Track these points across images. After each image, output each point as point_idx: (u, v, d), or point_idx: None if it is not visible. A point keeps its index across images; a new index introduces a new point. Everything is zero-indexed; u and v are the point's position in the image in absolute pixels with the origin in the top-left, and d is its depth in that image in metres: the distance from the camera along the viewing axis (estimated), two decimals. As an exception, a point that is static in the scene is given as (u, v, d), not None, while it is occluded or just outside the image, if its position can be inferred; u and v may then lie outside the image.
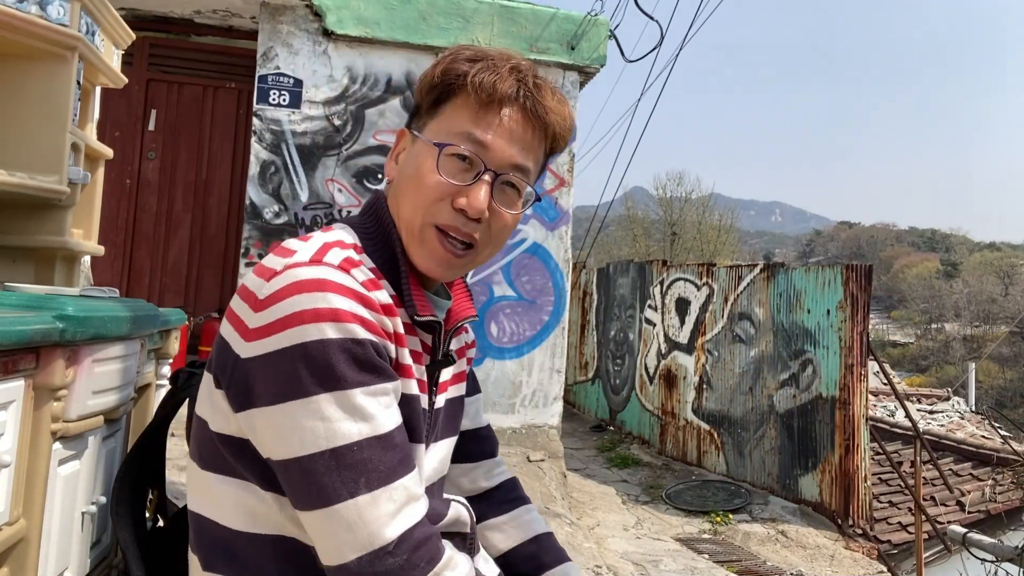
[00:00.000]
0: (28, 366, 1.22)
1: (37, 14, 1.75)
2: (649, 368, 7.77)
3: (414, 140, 0.92)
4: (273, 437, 0.77)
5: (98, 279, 3.86)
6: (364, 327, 0.77)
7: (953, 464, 7.19)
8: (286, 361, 0.75)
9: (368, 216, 0.94)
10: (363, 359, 0.77)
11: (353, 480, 0.75)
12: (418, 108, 0.94)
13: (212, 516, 0.84)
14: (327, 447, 0.75)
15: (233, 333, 0.81)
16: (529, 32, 5.02)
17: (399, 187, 0.92)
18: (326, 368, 0.75)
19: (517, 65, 0.89)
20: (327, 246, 0.84)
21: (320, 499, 0.75)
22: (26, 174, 1.77)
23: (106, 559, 1.64)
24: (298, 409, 0.75)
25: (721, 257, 23.35)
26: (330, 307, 0.76)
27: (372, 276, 0.84)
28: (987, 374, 27.41)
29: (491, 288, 5.01)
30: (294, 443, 0.75)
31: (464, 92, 0.87)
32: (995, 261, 48.38)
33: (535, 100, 0.88)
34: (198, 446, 0.86)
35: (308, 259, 0.80)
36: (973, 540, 3.13)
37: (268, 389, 0.76)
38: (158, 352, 2.03)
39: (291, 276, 0.78)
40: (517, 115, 0.88)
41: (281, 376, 0.76)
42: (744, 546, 4.90)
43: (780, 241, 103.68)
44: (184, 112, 5.10)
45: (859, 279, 5.38)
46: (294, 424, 0.75)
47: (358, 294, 0.79)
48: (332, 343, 0.75)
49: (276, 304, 0.77)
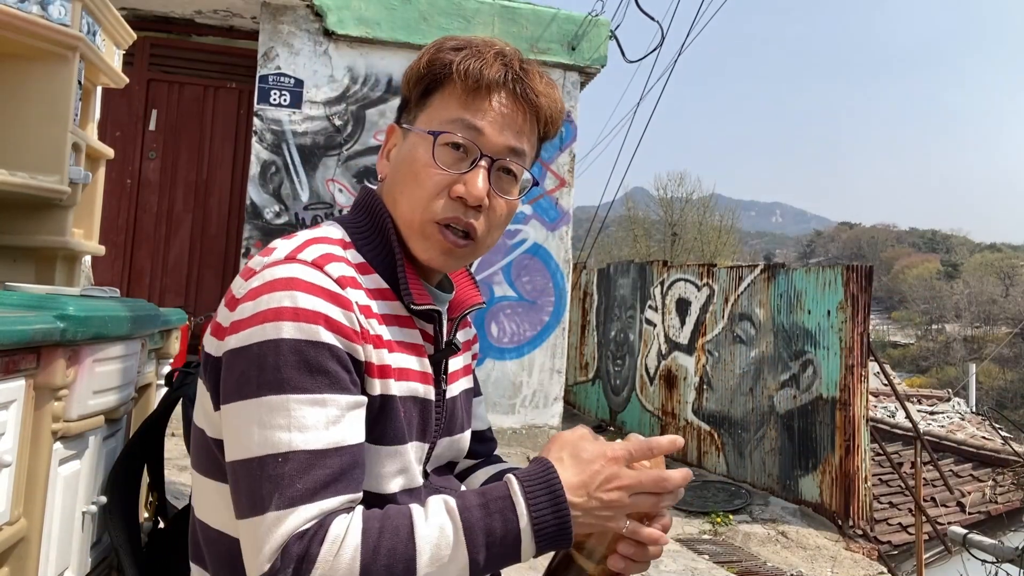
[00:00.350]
0: (29, 366, 1.22)
1: (38, 14, 1.75)
2: (649, 369, 7.77)
3: (405, 134, 0.91)
4: (227, 438, 0.75)
5: (99, 279, 3.86)
6: (329, 327, 0.75)
7: (953, 465, 7.19)
8: (240, 360, 0.74)
9: (360, 211, 0.93)
10: (316, 363, 0.73)
11: (269, 494, 0.69)
12: (406, 102, 0.93)
13: (215, 524, 0.83)
14: (256, 454, 0.71)
15: (211, 337, 0.81)
16: (530, 32, 5.02)
17: (394, 183, 0.90)
18: (273, 370, 0.72)
19: (502, 51, 0.88)
20: (308, 243, 0.82)
21: (245, 509, 0.71)
22: (27, 174, 1.77)
23: (107, 559, 1.64)
24: (242, 410, 0.73)
25: (722, 258, 23.34)
26: (293, 306, 0.74)
27: (355, 272, 0.83)
28: (988, 375, 27.40)
29: (492, 288, 5.01)
30: (234, 446, 0.73)
31: (451, 81, 0.86)
32: (996, 262, 48.39)
33: (524, 84, 0.87)
34: (197, 454, 0.86)
35: (284, 256, 0.79)
36: (973, 541, 3.13)
37: (227, 388, 0.75)
38: (159, 352, 2.03)
39: (266, 275, 0.77)
40: (507, 100, 0.87)
41: (236, 374, 0.74)
42: (744, 547, 4.90)
43: (781, 242, 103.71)
44: (185, 112, 5.10)
45: (860, 280, 5.38)
46: (238, 425, 0.73)
47: (329, 292, 0.77)
48: (285, 344, 0.72)
49: (245, 303, 0.76)
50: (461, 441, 0.99)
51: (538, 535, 0.72)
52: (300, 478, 0.69)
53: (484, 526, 0.71)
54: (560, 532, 0.73)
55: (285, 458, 0.70)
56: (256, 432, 0.71)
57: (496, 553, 0.71)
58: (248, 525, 0.70)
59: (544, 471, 0.75)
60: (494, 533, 0.71)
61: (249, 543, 0.70)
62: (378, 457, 0.82)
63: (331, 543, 0.67)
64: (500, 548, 0.71)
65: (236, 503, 0.73)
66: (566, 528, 0.73)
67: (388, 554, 0.68)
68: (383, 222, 0.89)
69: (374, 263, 0.87)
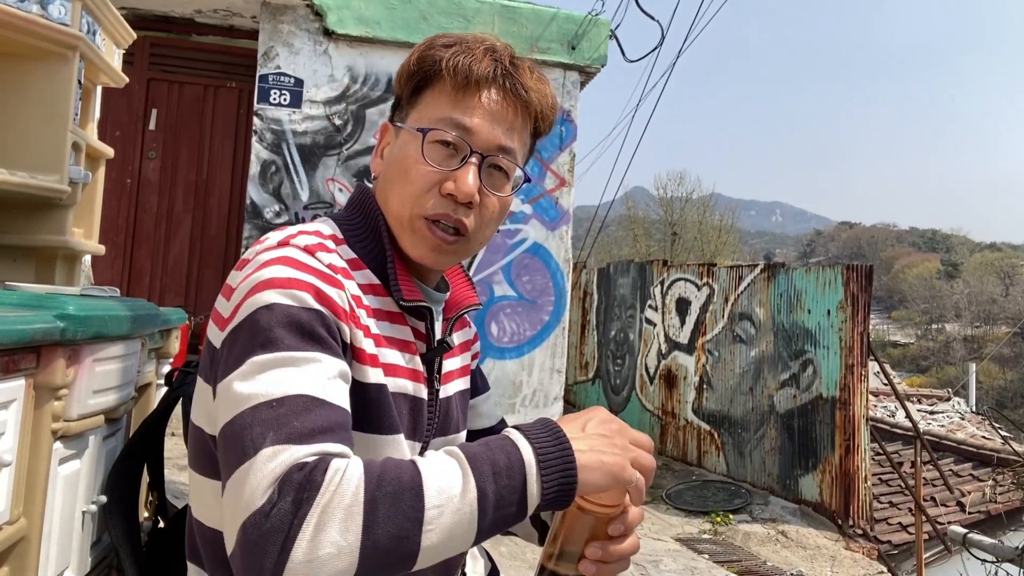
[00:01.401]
0: (29, 365, 1.21)
1: (38, 13, 1.75)
2: (649, 368, 7.77)
3: (398, 132, 0.91)
4: (219, 409, 0.71)
5: (99, 278, 3.86)
6: (317, 297, 0.74)
7: (953, 465, 7.19)
8: (237, 334, 0.73)
9: (354, 209, 0.93)
10: (307, 327, 0.72)
11: (261, 435, 0.64)
12: (398, 100, 0.94)
13: (211, 523, 0.82)
14: (248, 405, 0.67)
15: (213, 327, 0.81)
16: (530, 32, 5.02)
17: (386, 180, 0.91)
18: (266, 331, 0.71)
19: (492, 46, 0.88)
20: (300, 232, 0.83)
21: (228, 464, 0.65)
22: (27, 173, 1.77)
23: (107, 558, 1.64)
24: (235, 377, 0.70)
25: (722, 257, 23.33)
26: (285, 277, 0.74)
27: (346, 265, 0.83)
28: (987, 375, 27.40)
29: (491, 288, 5.01)
30: (225, 410, 0.69)
31: (441, 78, 0.86)
32: (996, 261, 48.40)
33: (514, 80, 0.87)
34: (195, 452, 0.85)
35: (277, 243, 0.81)
36: (973, 541, 3.14)
37: (225, 365, 0.73)
38: (159, 351, 2.03)
39: (259, 259, 0.78)
40: (497, 96, 0.87)
41: (233, 349, 0.73)
42: (744, 546, 4.90)
43: (781, 241, 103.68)
44: (185, 112, 5.10)
45: (859, 279, 5.38)
46: (230, 392, 0.69)
47: (320, 272, 0.77)
48: (277, 307, 0.72)
49: (240, 284, 0.77)
50: (455, 441, 0.98)
51: (543, 466, 0.68)
52: (297, 418, 0.65)
53: (488, 458, 0.67)
54: (564, 464, 0.68)
55: (280, 401, 0.66)
56: (247, 386, 0.68)
57: (504, 487, 0.66)
58: (235, 477, 0.63)
59: (538, 420, 0.74)
60: (498, 464, 0.67)
61: (235, 495, 0.63)
62: (373, 445, 0.80)
63: (333, 472, 0.62)
64: (507, 480, 0.66)
65: (224, 466, 0.67)
66: (568, 457, 0.69)
67: (394, 483, 0.63)
68: (376, 219, 0.90)
69: (365, 259, 0.87)
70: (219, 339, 0.77)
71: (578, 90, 5.18)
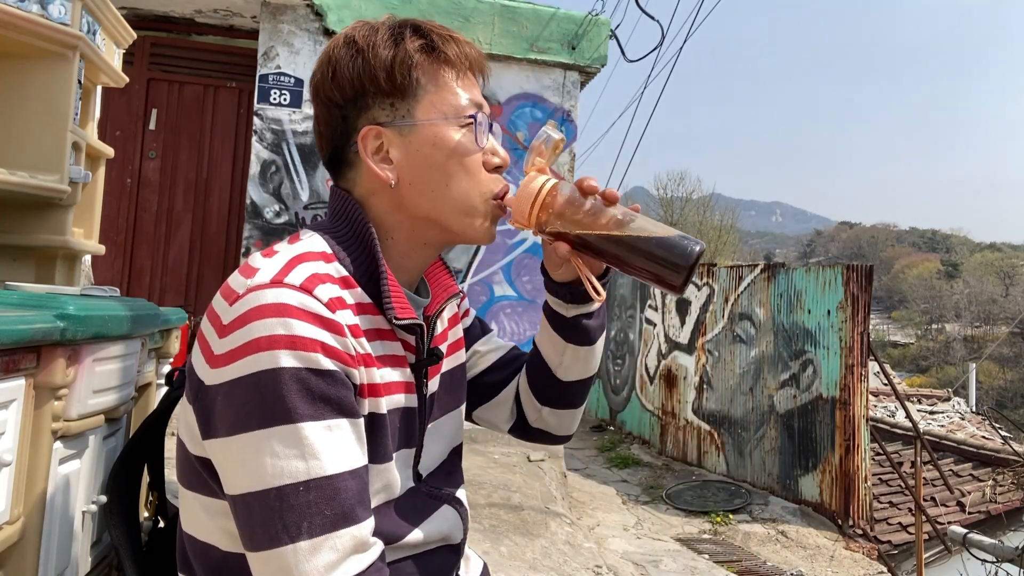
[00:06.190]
0: (29, 365, 1.21)
1: (38, 13, 1.75)
2: (649, 368, 7.77)
3: (405, 130, 0.87)
4: (226, 470, 0.74)
5: (99, 278, 3.86)
6: (326, 354, 0.73)
7: (953, 465, 7.20)
8: (240, 391, 0.72)
9: (339, 220, 0.89)
10: (318, 391, 0.72)
11: (295, 524, 0.70)
12: (370, 102, 0.88)
13: (200, 536, 0.82)
14: (272, 485, 0.70)
15: (200, 357, 0.77)
16: (530, 32, 5.02)
17: (419, 182, 0.87)
18: (276, 400, 0.70)
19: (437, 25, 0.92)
20: (292, 262, 0.79)
21: (262, 541, 0.71)
22: (27, 173, 1.77)
23: (107, 558, 1.64)
24: (247, 443, 0.71)
25: (722, 257, 23.33)
26: (288, 334, 0.72)
27: (340, 289, 0.80)
28: (988, 375, 27.41)
29: (491, 288, 5.01)
30: (242, 478, 0.72)
31: (438, 69, 0.88)
32: (996, 262, 48.43)
33: (470, 47, 0.92)
34: (181, 467, 0.84)
35: (269, 280, 0.75)
36: (973, 541, 3.14)
37: (223, 421, 0.73)
38: (159, 351, 2.03)
39: (252, 300, 0.74)
40: (474, 70, 0.92)
41: (235, 407, 0.72)
42: (744, 546, 4.90)
43: (781, 241, 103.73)
44: (185, 111, 5.10)
45: (860, 279, 5.39)
46: (243, 458, 0.71)
47: (321, 318, 0.74)
48: (285, 373, 0.71)
49: (236, 331, 0.73)
50: (446, 423, 0.98)
51: None
52: (326, 505, 0.71)
53: None
54: None
55: (307, 487, 0.70)
56: (269, 462, 0.70)
57: None
58: (266, 557, 0.71)
59: None
60: None
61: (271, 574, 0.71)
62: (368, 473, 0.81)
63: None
64: None
65: (246, 535, 0.72)
66: None
67: None
68: (364, 232, 0.87)
69: (356, 275, 0.85)
70: (208, 376, 0.75)
71: (578, 90, 5.18)
